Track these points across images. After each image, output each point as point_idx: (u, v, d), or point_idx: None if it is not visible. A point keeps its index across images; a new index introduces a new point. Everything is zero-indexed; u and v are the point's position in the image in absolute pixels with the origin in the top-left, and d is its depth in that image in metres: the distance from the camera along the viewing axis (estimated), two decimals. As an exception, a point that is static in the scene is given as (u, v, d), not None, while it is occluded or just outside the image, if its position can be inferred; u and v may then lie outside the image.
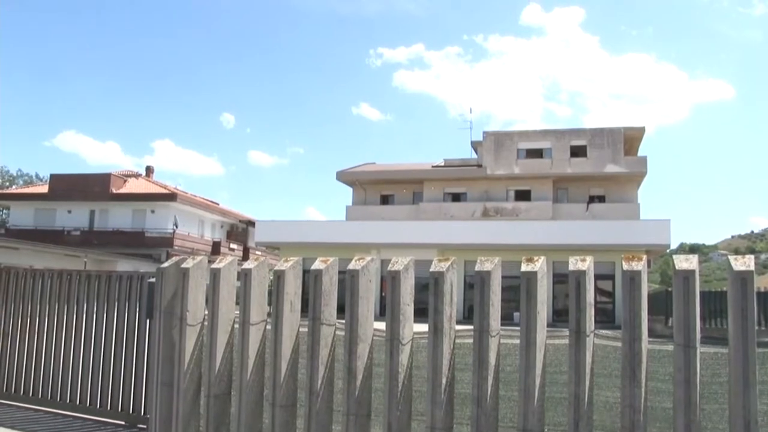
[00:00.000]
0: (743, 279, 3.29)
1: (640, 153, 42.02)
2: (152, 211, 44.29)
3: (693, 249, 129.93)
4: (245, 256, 45.15)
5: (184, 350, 5.00)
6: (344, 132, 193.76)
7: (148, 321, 6.18)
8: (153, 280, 5.82)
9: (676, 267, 3.44)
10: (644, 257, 3.51)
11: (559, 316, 24.51)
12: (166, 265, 5.27)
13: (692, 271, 3.43)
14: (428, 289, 3.99)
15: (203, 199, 51.31)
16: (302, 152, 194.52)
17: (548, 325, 3.76)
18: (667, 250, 34.38)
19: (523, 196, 40.47)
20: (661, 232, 31.47)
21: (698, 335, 3.39)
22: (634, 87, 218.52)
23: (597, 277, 29.47)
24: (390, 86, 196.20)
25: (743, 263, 3.37)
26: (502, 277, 3.91)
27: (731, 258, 3.47)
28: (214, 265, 4.97)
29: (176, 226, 44.38)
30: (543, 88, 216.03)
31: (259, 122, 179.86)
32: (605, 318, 28.19)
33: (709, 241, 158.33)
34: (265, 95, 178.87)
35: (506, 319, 4.00)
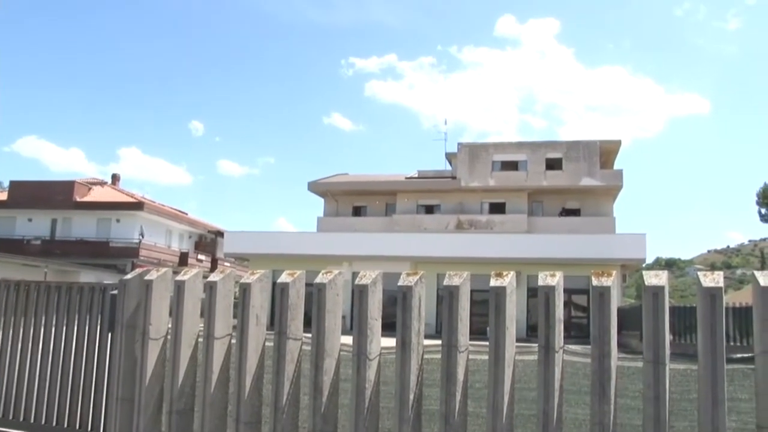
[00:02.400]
0: (712, 295, 3.36)
1: (616, 166, 42.59)
2: (118, 221, 43.71)
3: (669, 263, 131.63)
4: (214, 268, 44.74)
5: (146, 365, 4.94)
6: (316, 142, 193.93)
7: (109, 335, 6.09)
8: (115, 292, 5.74)
9: (646, 283, 3.50)
10: (614, 273, 3.56)
11: (533, 332, 24.64)
12: (128, 276, 5.21)
13: (661, 287, 3.49)
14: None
15: (171, 208, 50.77)
16: (273, 162, 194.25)
17: (522, 341, 3.79)
18: (643, 265, 34.87)
19: (497, 208, 40.74)
20: (637, 247, 31.92)
21: (668, 351, 3.44)
22: (609, 99, 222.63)
23: (571, 291, 30.04)
24: (362, 96, 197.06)
25: (712, 279, 3.44)
26: (476, 291, 3.94)
27: (700, 274, 3.54)
28: (178, 278, 4.93)
29: (142, 236, 43.83)
30: (518, 99, 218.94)
31: (229, 131, 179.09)
32: (580, 333, 28.38)
33: (686, 256, 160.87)
34: (235, 103, 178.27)
35: (480, 334, 4.01)
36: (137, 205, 44.42)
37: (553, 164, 40.19)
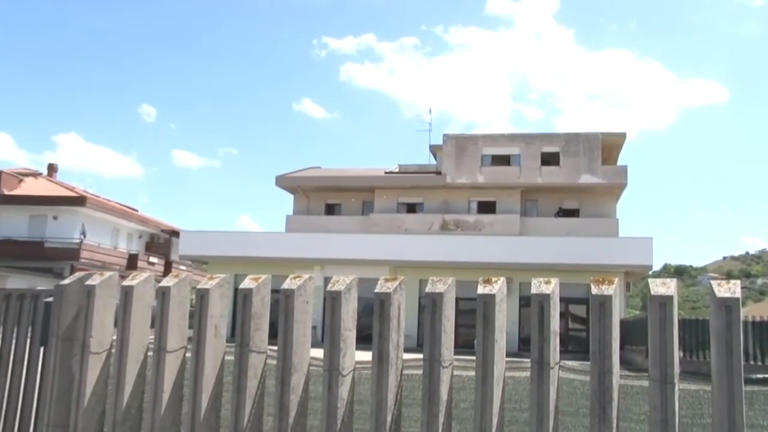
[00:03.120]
0: (728, 307, 3.35)
1: (620, 162, 43.03)
2: (55, 218, 43.15)
3: (679, 271, 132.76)
4: (167, 272, 44.41)
5: (85, 384, 4.87)
6: (284, 131, 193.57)
7: (41, 349, 5.99)
8: (50, 299, 5.66)
9: (652, 292, 3.51)
10: (616, 280, 3.58)
11: (525, 345, 24.85)
12: (66, 281, 5.14)
13: (669, 297, 3.50)
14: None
15: (118, 204, 50.32)
16: (236, 153, 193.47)
17: (513, 355, 3.80)
18: (650, 272, 35.24)
19: (487, 208, 40.96)
20: (643, 252, 32.26)
21: (677, 369, 3.46)
22: (613, 87, 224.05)
23: (569, 300, 30.35)
24: (336, 81, 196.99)
25: (728, 289, 3.45)
26: (463, 299, 3.96)
27: (714, 283, 3.56)
28: (125, 282, 4.88)
29: (84, 236, 43.32)
30: (511, 86, 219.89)
31: (185, 117, 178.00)
32: (579, 347, 28.71)
33: (698, 263, 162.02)
34: (192, 87, 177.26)
35: (466, 347, 4.03)
36: (78, 200, 43.87)
37: (549, 159, 40.49)
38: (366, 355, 4.11)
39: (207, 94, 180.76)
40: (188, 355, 4.66)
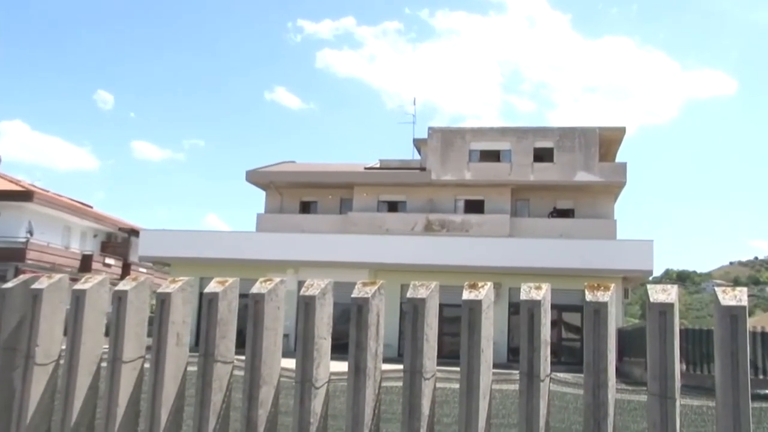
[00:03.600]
0: (733, 316, 3.36)
1: (619, 159, 43.25)
2: (-2, 214, 42.65)
3: (682, 277, 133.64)
4: (125, 274, 44.06)
5: (28, 398, 4.82)
6: (256, 122, 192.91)
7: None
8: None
9: (651, 299, 3.53)
10: (612, 286, 3.60)
11: (515, 355, 24.95)
12: (9, 285, 5.08)
13: (670, 305, 3.52)
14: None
15: (71, 200, 49.85)
16: (202, 145, 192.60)
17: (502, 366, 3.82)
18: (650, 278, 35.46)
19: (474, 207, 41.05)
20: (643, 256, 32.44)
21: (678, 383, 3.47)
22: (612, 78, 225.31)
23: (562, 308, 30.50)
24: (312, 68, 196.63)
25: (733, 297, 3.46)
26: (448, 305, 3.97)
27: (719, 290, 3.57)
28: (77, 286, 4.83)
29: (31, 234, 42.83)
30: (501, 76, 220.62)
31: (146, 105, 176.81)
32: (573, 358, 28.86)
33: (703, 268, 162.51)
34: (154, 72, 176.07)
35: (451, 357, 4.02)
36: (23, 195, 43.29)
37: (542, 155, 40.65)
38: (342, 366, 4.10)
39: (171, 80, 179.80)
40: (146, 365, 4.62)
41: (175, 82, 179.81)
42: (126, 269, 48.10)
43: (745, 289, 3.60)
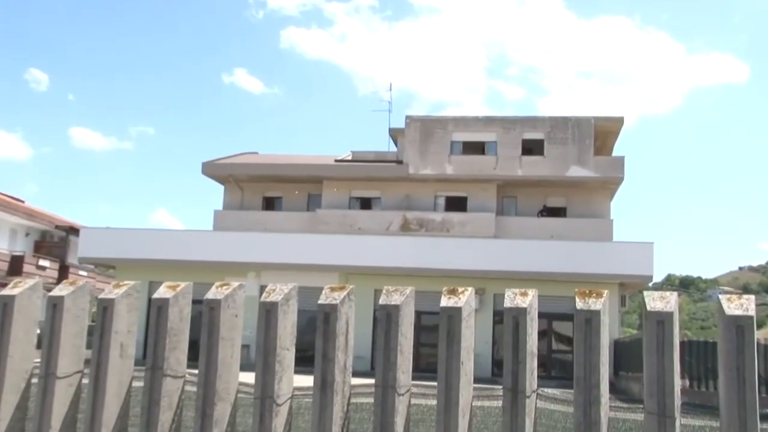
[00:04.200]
0: (739, 327, 3.37)
1: (616, 152, 43.55)
2: None
3: (685, 283, 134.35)
4: (62, 278, 43.69)
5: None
6: (213, 108, 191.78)
7: None
8: None
9: (648, 307, 3.55)
10: (605, 293, 3.61)
11: (500, 369, 25.05)
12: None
13: (669, 314, 3.54)
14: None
15: None
16: (152, 133, 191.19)
17: (486, 382, 3.83)
18: (650, 284, 35.71)
19: (456, 204, 41.17)
20: (642, 259, 32.72)
21: (678, 401, 3.49)
22: (609, 62, 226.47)
23: (552, 316, 30.73)
24: (276, 48, 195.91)
25: (739, 305, 3.48)
26: (426, 313, 3.99)
27: (723, 298, 3.58)
28: (5, 292, 4.78)
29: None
30: (487, 60, 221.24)
31: (87, 87, 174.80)
32: (564, 373, 29.04)
33: (709, 274, 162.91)
34: (97, 49, 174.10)
35: (432, 371, 4.01)
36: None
37: (531, 148, 40.82)
38: (307, 380, 4.09)
39: (115, 59, 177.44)
40: (85, 381, 4.58)
41: (121, 61, 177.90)
42: (63, 272, 47.63)
43: (753, 297, 3.58)
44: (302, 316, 4.32)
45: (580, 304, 3.66)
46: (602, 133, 41.55)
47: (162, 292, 4.38)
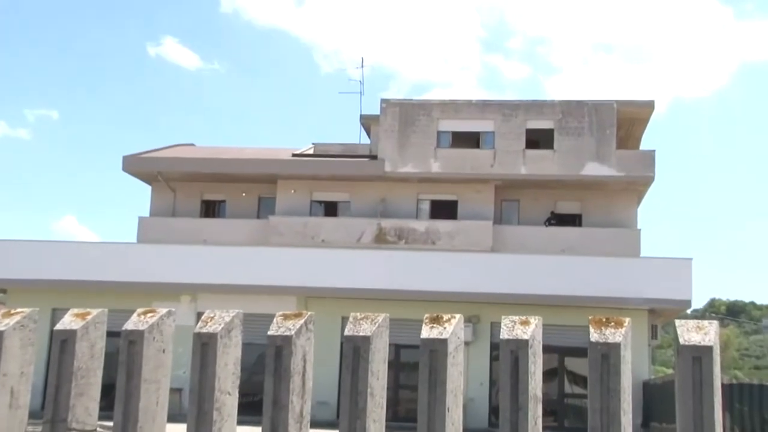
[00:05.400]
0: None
1: (644, 145, 43.84)
2: None
3: (733, 310, 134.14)
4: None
5: None
6: (135, 88, 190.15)
7: None
8: None
9: (682, 340, 3.57)
10: (627, 321, 3.62)
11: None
12: None
13: (707, 349, 3.56)
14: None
15: None
16: (56, 118, 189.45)
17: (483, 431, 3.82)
18: (688, 311, 35.80)
19: (444, 210, 41.25)
20: (678, 280, 32.82)
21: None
22: (635, 32, 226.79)
23: (567, 351, 30.93)
24: (216, 14, 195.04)
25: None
26: (406, 347, 3.98)
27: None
28: None
29: None
30: (482, 28, 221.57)
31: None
32: (581, 423, 29.13)
33: (764, 299, 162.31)
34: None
35: (409, 420, 4.00)
36: None
37: (538, 139, 41.00)
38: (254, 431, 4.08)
39: (7, 26, 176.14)
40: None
41: (15, 26, 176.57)
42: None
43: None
44: (249, 351, 4.32)
45: (595, 335, 3.67)
46: (627, 121, 41.78)
47: (67, 322, 4.35)
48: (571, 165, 40.18)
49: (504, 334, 3.68)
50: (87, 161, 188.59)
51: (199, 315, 4.90)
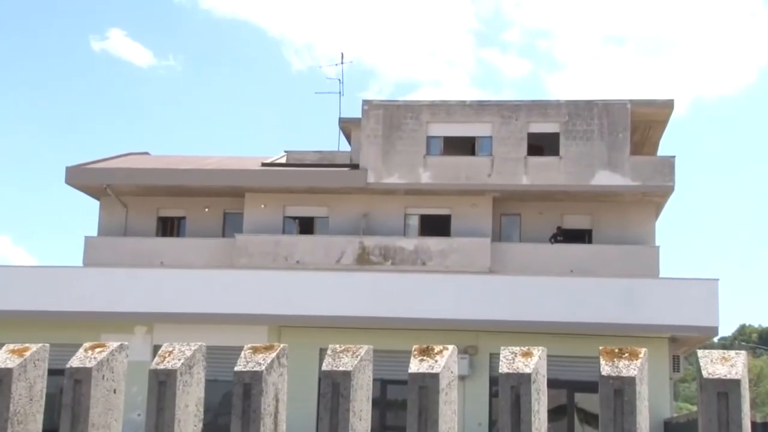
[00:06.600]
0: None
1: (662, 150, 43.99)
2: None
3: (766, 338, 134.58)
4: None
5: None
6: (77, 88, 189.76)
7: None
8: None
9: (704, 373, 3.59)
10: (643, 351, 3.63)
11: (500, 463, 25.12)
12: None
13: (734, 382, 3.58)
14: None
15: None
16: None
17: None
18: (715, 339, 35.75)
19: (436, 226, 41.31)
20: (703, 304, 32.85)
21: None
22: (649, 23, 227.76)
23: (577, 386, 30.96)
24: (170, 2, 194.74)
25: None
26: (393, 382, 3.98)
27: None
28: None
29: None
30: (476, 20, 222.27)
31: None
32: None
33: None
34: None
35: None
36: None
37: (541, 145, 41.14)
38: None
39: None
40: None
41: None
42: None
43: None
44: (213, 390, 4.33)
45: (606, 368, 3.69)
46: (642, 124, 41.94)
47: (2, 359, 4.35)
48: (579, 174, 40.30)
49: (503, 368, 3.69)
50: (23, 173, 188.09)
51: (156, 349, 4.90)
